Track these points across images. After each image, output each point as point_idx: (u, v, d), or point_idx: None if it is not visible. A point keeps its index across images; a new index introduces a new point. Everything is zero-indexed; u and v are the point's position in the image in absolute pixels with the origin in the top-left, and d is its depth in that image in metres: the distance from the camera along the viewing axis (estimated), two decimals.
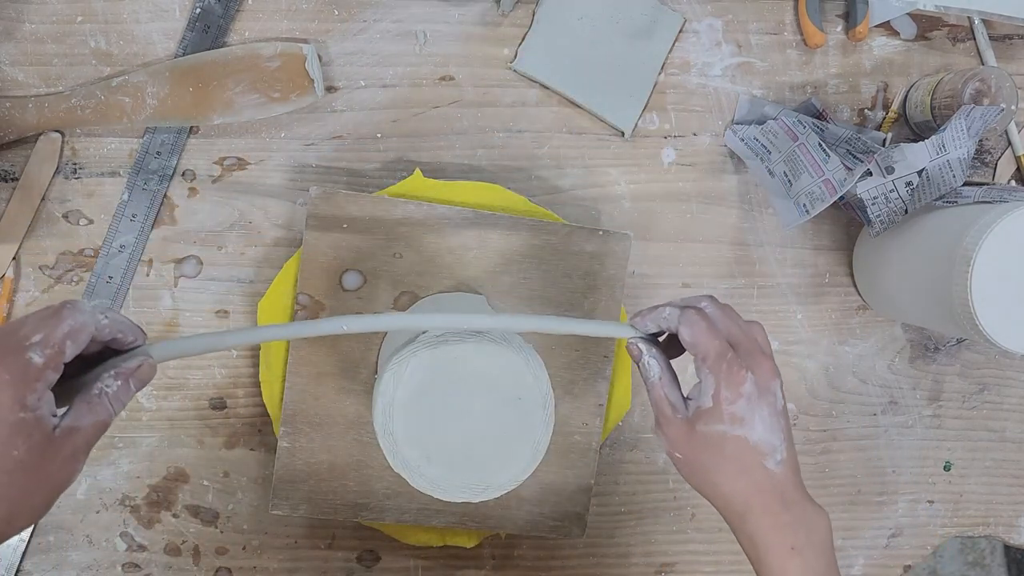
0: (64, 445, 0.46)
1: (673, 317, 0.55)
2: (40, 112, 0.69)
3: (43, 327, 0.45)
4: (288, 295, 0.70)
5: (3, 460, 0.43)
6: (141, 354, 0.50)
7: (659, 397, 0.55)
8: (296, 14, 0.72)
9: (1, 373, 0.43)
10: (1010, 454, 0.84)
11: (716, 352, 0.53)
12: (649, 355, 0.56)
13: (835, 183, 0.70)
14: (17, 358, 0.44)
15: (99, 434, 0.48)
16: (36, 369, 0.44)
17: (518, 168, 0.76)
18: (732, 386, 0.52)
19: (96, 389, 0.48)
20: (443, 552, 0.76)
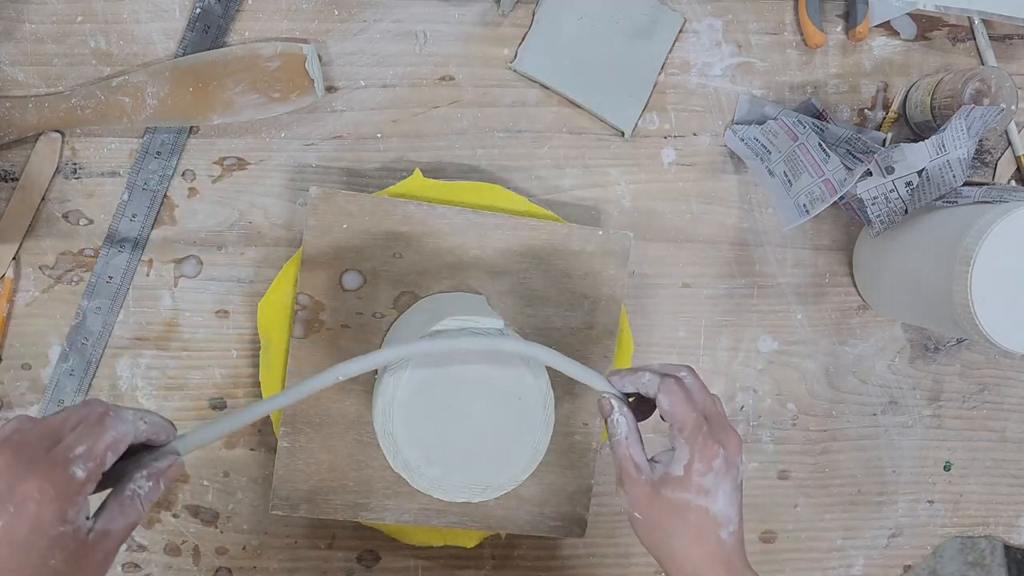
0: (97, 549, 0.46)
1: (653, 384, 0.57)
2: (40, 112, 0.69)
3: (87, 438, 0.46)
4: (288, 295, 0.70)
5: (41, 570, 0.44)
6: (171, 452, 0.51)
7: (624, 456, 0.57)
8: (296, 14, 0.72)
9: (47, 488, 0.44)
10: (1010, 454, 0.84)
11: (693, 424, 0.55)
12: (620, 412, 0.57)
13: (835, 183, 0.70)
14: (63, 472, 0.44)
15: (129, 533, 0.48)
16: (79, 483, 0.45)
17: (518, 168, 0.76)
18: (705, 459, 0.55)
19: (128, 491, 0.48)
20: (443, 552, 0.76)
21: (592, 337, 0.71)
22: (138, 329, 0.73)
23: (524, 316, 0.71)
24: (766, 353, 0.80)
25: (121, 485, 0.49)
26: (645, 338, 0.78)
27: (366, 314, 0.69)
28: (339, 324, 0.69)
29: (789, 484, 0.81)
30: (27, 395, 0.72)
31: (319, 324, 0.68)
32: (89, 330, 0.72)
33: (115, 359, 0.73)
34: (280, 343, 0.70)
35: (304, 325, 0.68)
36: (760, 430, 0.80)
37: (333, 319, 0.68)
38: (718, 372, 0.79)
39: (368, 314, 0.69)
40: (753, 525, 0.81)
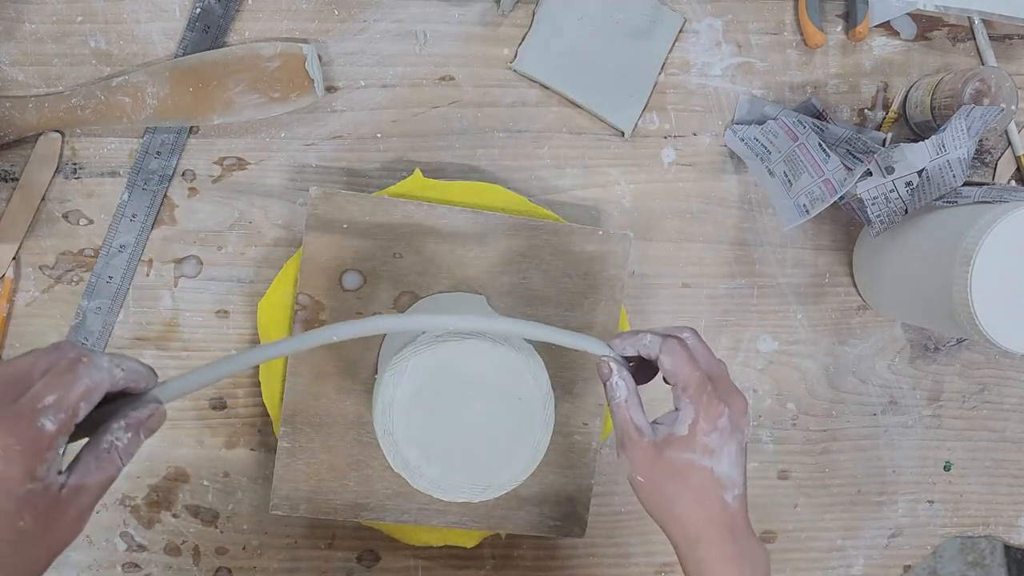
0: (70, 506, 0.43)
1: (654, 344, 0.56)
2: (40, 112, 0.69)
3: (57, 386, 0.42)
4: (288, 295, 0.70)
5: (7, 532, 0.41)
6: (151, 400, 0.47)
7: (625, 419, 0.55)
8: (296, 14, 0.72)
9: (11, 443, 0.40)
10: (1010, 454, 0.84)
11: (697, 383, 0.54)
12: (619, 375, 0.56)
13: (835, 183, 0.70)
14: (29, 426, 0.41)
15: (106, 488, 0.45)
16: (48, 437, 0.41)
17: (518, 168, 0.76)
18: (710, 418, 0.53)
19: (105, 443, 0.45)
20: (443, 552, 0.76)
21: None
22: (138, 329, 0.73)
23: (524, 316, 0.71)
24: (766, 353, 0.80)
25: (97, 436, 0.45)
26: None
27: (366, 314, 0.69)
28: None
29: (789, 484, 0.81)
30: None
31: (319, 324, 0.68)
32: (89, 330, 0.72)
33: None
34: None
35: (304, 325, 0.68)
36: (760, 430, 0.80)
37: (333, 319, 0.68)
38: None
39: (368, 314, 0.69)
40: (753, 525, 0.81)
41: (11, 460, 0.40)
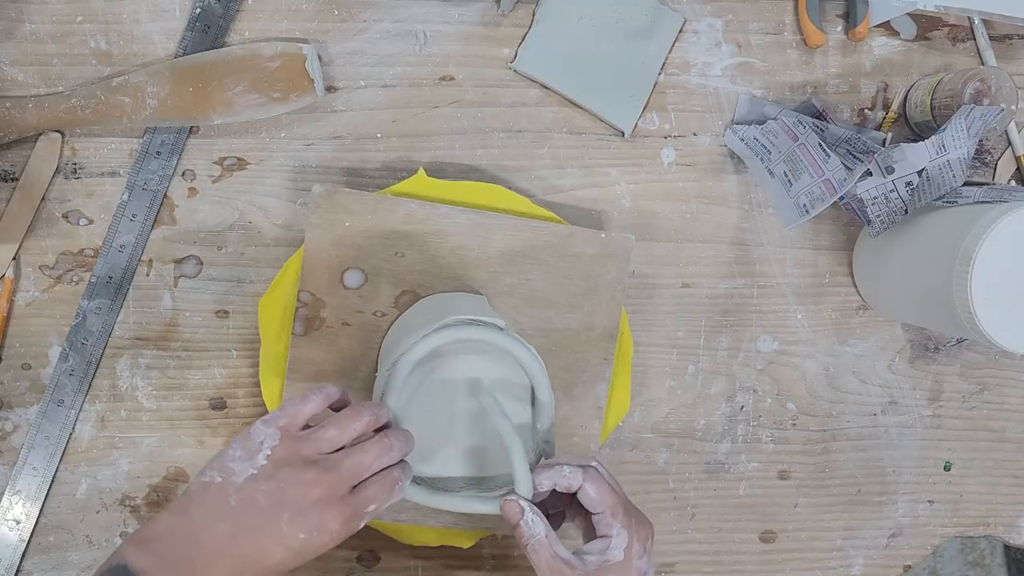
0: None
1: (575, 476, 0.57)
2: (40, 112, 0.69)
3: (379, 497, 0.54)
4: (289, 292, 0.70)
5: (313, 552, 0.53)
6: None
7: (550, 555, 0.56)
8: (296, 14, 0.72)
9: (338, 529, 0.53)
10: (1010, 454, 0.84)
11: (623, 507, 0.57)
12: (532, 512, 0.57)
13: (835, 183, 0.70)
14: (358, 518, 0.53)
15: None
16: (361, 522, 0.54)
17: (518, 168, 0.76)
18: (640, 540, 0.57)
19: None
20: (443, 552, 0.76)
21: (592, 339, 0.71)
22: (138, 329, 0.73)
23: (525, 317, 0.71)
24: (766, 353, 0.80)
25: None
26: (645, 338, 0.78)
27: (367, 312, 0.69)
28: (340, 322, 0.69)
29: (789, 484, 0.81)
30: (27, 395, 0.72)
31: (320, 321, 0.68)
32: (89, 330, 0.72)
33: (115, 359, 0.73)
34: (281, 340, 0.70)
35: (305, 322, 0.68)
36: (760, 430, 0.80)
37: (334, 317, 0.69)
38: (718, 372, 0.79)
39: (369, 312, 0.69)
40: (753, 525, 0.81)
41: (338, 532, 0.53)
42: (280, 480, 0.51)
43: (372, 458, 0.54)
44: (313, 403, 0.55)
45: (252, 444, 0.53)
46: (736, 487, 0.80)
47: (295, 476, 0.52)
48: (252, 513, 0.51)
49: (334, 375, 0.69)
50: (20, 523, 0.72)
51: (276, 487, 0.51)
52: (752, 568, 0.82)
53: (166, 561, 0.49)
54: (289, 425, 0.54)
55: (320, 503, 0.52)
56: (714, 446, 0.80)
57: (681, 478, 0.80)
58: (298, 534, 0.51)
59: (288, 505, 0.51)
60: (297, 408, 0.54)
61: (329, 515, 0.52)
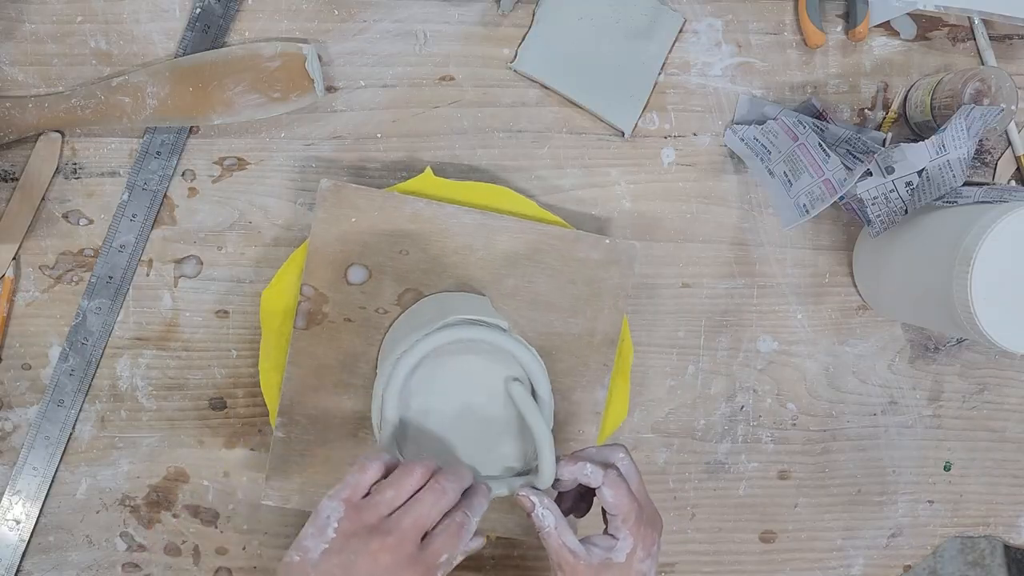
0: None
1: (596, 476, 0.59)
2: (40, 112, 0.69)
3: (450, 546, 0.54)
4: (292, 286, 0.70)
5: None
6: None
7: (559, 545, 0.58)
8: (296, 14, 0.72)
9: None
10: (1010, 454, 0.84)
11: (635, 515, 0.59)
12: (542, 505, 0.59)
13: (835, 183, 0.70)
14: (430, 573, 0.54)
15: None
16: (442, 567, 0.54)
17: (518, 168, 0.76)
18: (645, 547, 0.59)
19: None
20: None
21: (593, 344, 0.71)
22: (138, 329, 0.73)
23: (526, 319, 0.71)
24: (766, 353, 0.80)
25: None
26: (645, 338, 0.78)
27: (369, 309, 0.69)
28: (342, 317, 0.69)
29: (789, 484, 0.81)
30: (27, 395, 0.72)
31: (322, 316, 0.68)
32: (89, 330, 0.72)
33: (115, 359, 0.73)
34: (282, 333, 0.70)
35: (307, 316, 0.68)
36: (760, 430, 0.80)
37: (336, 312, 0.69)
38: (718, 372, 0.79)
39: (371, 309, 0.69)
40: (753, 525, 0.81)
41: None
42: (350, 552, 0.53)
43: (428, 507, 0.54)
44: (371, 471, 0.56)
45: (321, 520, 0.54)
46: (736, 487, 0.80)
47: (362, 546, 0.53)
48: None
49: (334, 370, 0.69)
50: (20, 523, 0.72)
51: (347, 559, 0.52)
52: (752, 568, 0.82)
53: None
54: (352, 496, 0.55)
55: (391, 568, 0.53)
56: (714, 446, 0.80)
57: (681, 478, 0.80)
58: None
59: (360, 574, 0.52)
60: (357, 479, 0.56)
61: (407, 572, 0.53)
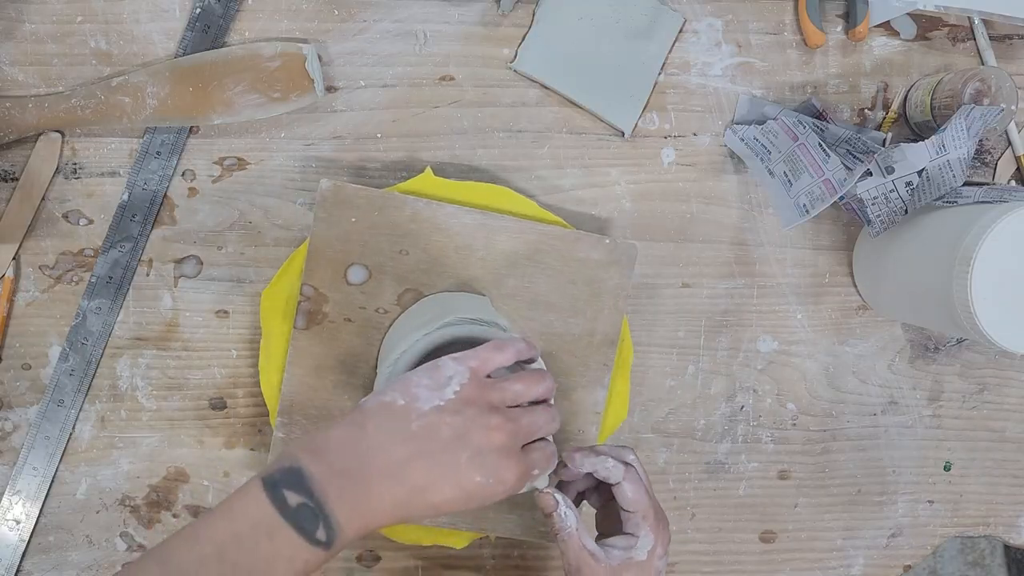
0: None
1: (617, 471, 0.59)
2: (40, 112, 0.69)
3: (543, 463, 0.54)
4: (292, 286, 0.70)
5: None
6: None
7: (578, 546, 0.57)
8: (296, 14, 0.72)
9: (516, 479, 0.52)
10: (1010, 454, 0.84)
11: (654, 512, 0.59)
12: (565, 505, 0.58)
13: (835, 183, 0.70)
14: (527, 475, 0.53)
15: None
16: (532, 480, 0.54)
17: (518, 168, 0.76)
18: (663, 544, 0.59)
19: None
20: (443, 552, 0.76)
21: (593, 345, 0.71)
22: (138, 329, 0.73)
23: (526, 320, 0.71)
24: (766, 353, 0.80)
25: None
26: (645, 338, 0.78)
27: (369, 309, 0.69)
28: (342, 317, 0.69)
29: (789, 484, 0.81)
30: (27, 395, 0.72)
31: (322, 316, 0.68)
32: (89, 330, 0.72)
33: (115, 359, 0.73)
34: (281, 334, 0.70)
35: (307, 316, 0.68)
36: (760, 430, 0.80)
37: (336, 312, 0.69)
38: (718, 372, 0.79)
39: (371, 309, 0.69)
40: (753, 525, 0.81)
41: (509, 488, 0.51)
42: (466, 418, 0.50)
43: (544, 423, 0.53)
44: (507, 353, 0.54)
45: (440, 376, 0.51)
46: (736, 487, 0.80)
47: (481, 418, 0.50)
48: (432, 443, 0.49)
49: (334, 370, 0.69)
50: (20, 523, 0.72)
51: (461, 423, 0.50)
52: (752, 568, 0.82)
53: (336, 472, 0.48)
54: (479, 368, 0.53)
55: (501, 451, 0.50)
56: (714, 446, 0.80)
57: (681, 478, 0.80)
58: (474, 476, 0.49)
59: (470, 444, 0.50)
60: (490, 354, 0.54)
61: (506, 465, 0.51)
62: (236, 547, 0.45)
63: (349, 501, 0.47)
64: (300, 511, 0.46)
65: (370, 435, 0.49)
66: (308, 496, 0.47)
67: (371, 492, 0.48)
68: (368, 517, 0.48)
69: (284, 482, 0.47)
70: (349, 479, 0.48)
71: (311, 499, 0.47)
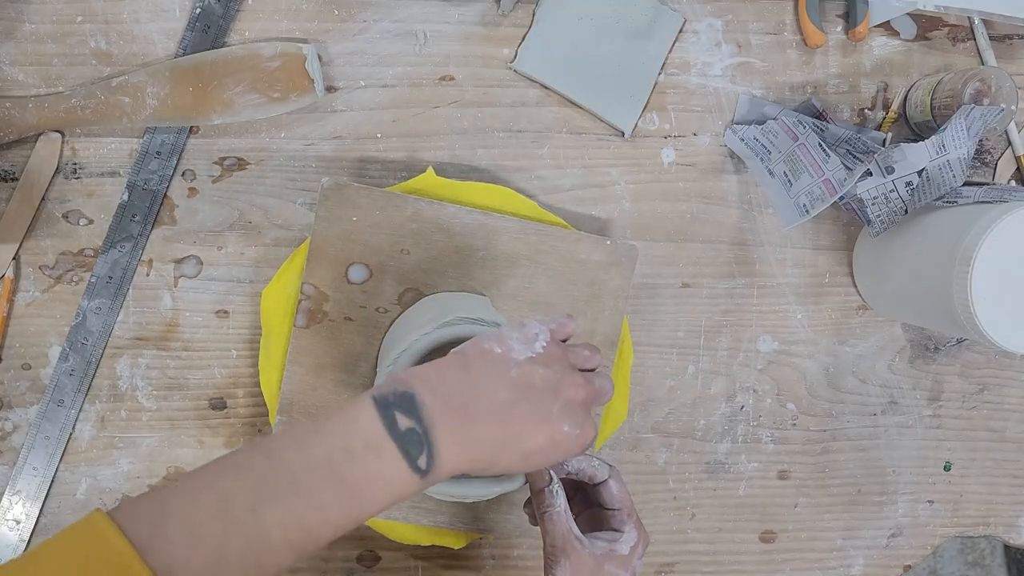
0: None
1: (603, 469, 0.60)
2: (40, 112, 0.69)
3: (595, 430, 0.54)
4: (293, 284, 0.70)
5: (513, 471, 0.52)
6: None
7: (566, 529, 0.57)
8: (296, 14, 0.72)
9: (575, 442, 0.52)
10: (1010, 454, 0.84)
11: (636, 511, 0.60)
12: (557, 484, 0.58)
13: (835, 183, 0.70)
14: (584, 436, 0.53)
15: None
16: (575, 452, 0.53)
17: (518, 168, 0.76)
18: (643, 543, 0.60)
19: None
20: (443, 552, 0.76)
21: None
22: (138, 329, 0.73)
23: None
24: (766, 353, 0.80)
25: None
26: (645, 338, 0.78)
27: (369, 308, 0.69)
28: (342, 316, 0.69)
29: (789, 484, 0.81)
30: (27, 395, 0.72)
31: (322, 315, 0.68)
32: (89, 330, 0.72)
33: (115, 359, 0.73)
34: (281, 332, 0.70)
35: (307, 315, 0.68)
36: (760, 430, 0.80)
37: (336, 311, 0.69)
38: (718, 372, 0.79)
39: (372, 308, 0.69)
40: (753, 525, 0.81)
41: (583, 444, 0.53)
42: (556, 372, 0.52)
43: (605, 387, 0.55)
44: (574, 324, 0.57)
45: (529, 333, 0.53)
46: (736, 487, 0.80)
47: (567, 375, 0.52)
48: (530, 391, 0.51)
49: (334, 369, 0.69)
50: (20, 523, 0.72)
51: (552, 376, 0.52)
52: (752, 568, 0.82)
53: (445, 404, 0.48)
54: (557, 331, 0.55)
55: (583, 406, 0.53)
56: (714, 446, 0.80)
57: (681, 478, 0.80)
58: (563, 426, 0.51)
59: (560, 396, 0.51)
60: (564, 321, 0.56)
61: (586, 420, 0.52)
62: (345, 459, 0.46)
63: (452, 433, 0.48)
64: (408, 435, 0.47)
65: (475, 377, 0.50)
66: (418, 422, 0.47)
67: (475, 429, 0.49)
68: (465, 454, 0.49)
69: (396, 404, 0.48)
70: (456, 413, 0.48)
71: (420, 425, 0.47)
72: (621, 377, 0.74)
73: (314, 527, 0.45)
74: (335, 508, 0.45)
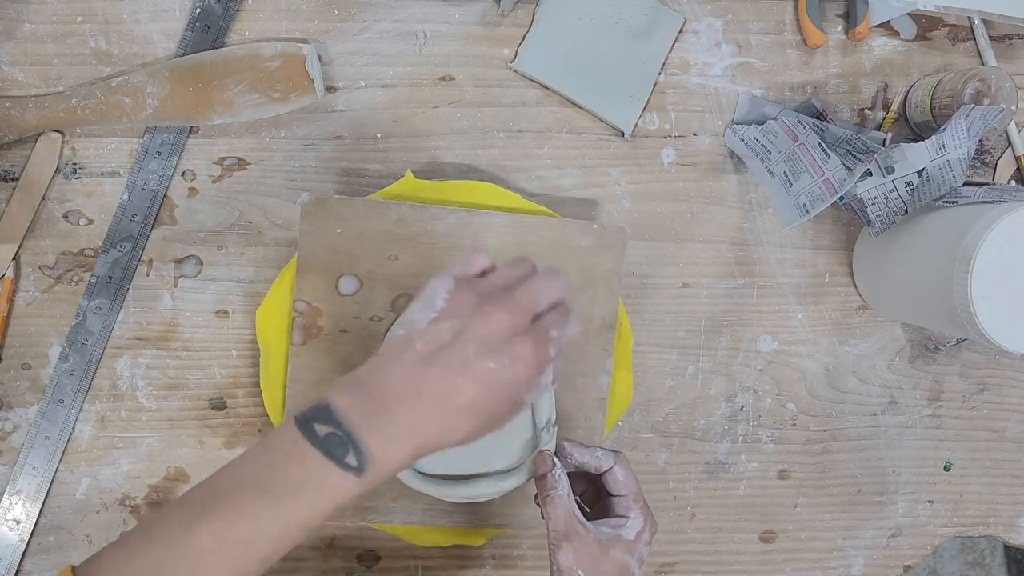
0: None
1: (608, 458, 0.60)
2: (40, 112, 0.69)
3: (558, 326, 0.53)
4: (285, 301, 0.70)
5: (487, 420, 0.51)
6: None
7: (569, 513, 0.58)
8: (296, 14, 0.72)
9: (529, 352, 0.51)
10: (1010, 454, 0.84)
11: (643, 496, 0.61)
12: (560, 469, 0.59)
13: (835, 183, 0.70)
14: (544, 344, 0.52)
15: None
16: (547, 360, 0.52)
17: (518, 168, 0.76)
18: (650, 530, 0.60)
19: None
20: (443, 552, 0.76)
21: (591, 331, 0.71)
22: (138, 329, 0.73)
23: None
24: (766, 353, 0.80)
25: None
26: (645, 338, 0.78)
27: (363, 318, 0.69)
28: (337, 329, 0.69)
29: (789, 484, 0.81)
30: (27, 395, 0.72)
31: (317, 330, 0.68)
32: (89, 330, 0.72)
33: (115, 359, 0.73)
34: (279, 350, 0.70)
35: (303, 332, 0.68)
36: (760, 430, 0.80)
37: (331, 324, 0.68)
38: (718, 372, 0.79)
39: (366, 318, 0.69)
40: (753, 525, 0.81)
41: (527, 366, 0.51)
42: (461, 316, 0.51)
43: (543, 290, 0.53)
44: (482, 260, 0.55)
45: (428, 295, 0.53)
46: (736, 487, 0.80)
47: (476, 311, 0.51)
48: (440, 351, 0.50)
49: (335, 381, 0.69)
50: (20, 523, 0.72)
51: (458, 323, 0.51)
52: (752, 568, 0.82)
53: (361, 403, 0.49)
54: (464, 273, 0.54)
55: (505, 332, 0.51)
56: (714, 446, 0.80)
57: (681, 478, 0.80)
58: (487, 364, 0.50)
59: (473, 338, 0.50)
60: (468, 261, 0.55)
61: (518, 340, 0.51)
62: (268, 472, 0.48)
63: (377, 427, 0.49)
64: (328, 439, 0.48)
65: (385, 367, 0.51)
66: (336, 426, 0.48)
67: (396, 413, 0.49)
68: (402, 439, 0.49)
69: (314, 417, 0.49)
70: (373, 406, 0.49)
71: (339, 428, 0.48)
72: (623, 360, 0.74)
73: (248, 537, 0.47)
74: (264, 517, 0.47)
